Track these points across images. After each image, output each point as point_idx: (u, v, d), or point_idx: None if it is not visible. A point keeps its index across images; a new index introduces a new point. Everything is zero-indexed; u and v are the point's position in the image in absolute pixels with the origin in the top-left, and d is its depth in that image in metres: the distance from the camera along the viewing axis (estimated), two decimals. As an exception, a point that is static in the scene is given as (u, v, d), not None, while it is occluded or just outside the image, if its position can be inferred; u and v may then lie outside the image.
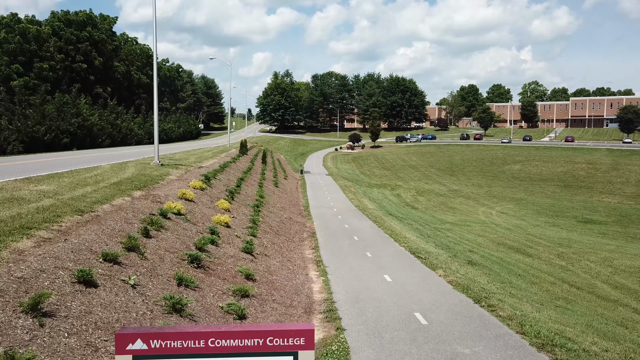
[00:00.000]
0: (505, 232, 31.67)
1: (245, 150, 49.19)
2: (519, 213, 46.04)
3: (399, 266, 14.52)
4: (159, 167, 21.66)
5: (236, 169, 32.61)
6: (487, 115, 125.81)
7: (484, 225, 35.69)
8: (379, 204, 39.62)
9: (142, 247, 9.23)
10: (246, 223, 16.33)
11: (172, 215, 12.61)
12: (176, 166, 23.39)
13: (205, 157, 34.19)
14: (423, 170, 76.95)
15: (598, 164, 74.09)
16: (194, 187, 17.38)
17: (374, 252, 16.75)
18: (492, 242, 25.73)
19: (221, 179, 23.70)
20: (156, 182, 16.97)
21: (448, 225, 33.32)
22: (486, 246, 23.80)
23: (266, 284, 10.64)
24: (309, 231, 21.00)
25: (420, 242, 19.91)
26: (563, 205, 51.27)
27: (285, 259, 14.11)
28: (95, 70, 68.05)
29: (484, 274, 15.13)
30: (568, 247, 26.86)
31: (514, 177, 70.06)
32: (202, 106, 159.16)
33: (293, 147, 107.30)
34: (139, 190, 14.45)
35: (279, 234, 17.53)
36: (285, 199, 31.41)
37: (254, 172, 37.12)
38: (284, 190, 36.28)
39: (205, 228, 12.93)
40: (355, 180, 61.35)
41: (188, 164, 26.45)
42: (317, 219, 25.15)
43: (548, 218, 43.78)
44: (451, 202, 51.08)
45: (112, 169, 19.14)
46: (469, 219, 40.04)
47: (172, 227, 11.57)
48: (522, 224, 39.01)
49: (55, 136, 37.37)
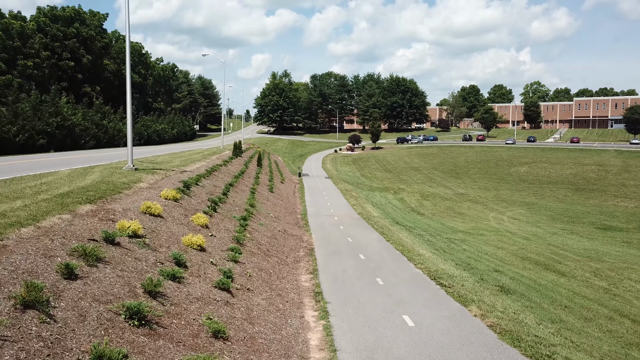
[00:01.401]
0: (525, 243, 28.60)
1: (239, 152, 46.09)
2: (532, 219, 43.00)
3: (420, 300, 11.43)
4: (131, 172, 18.55)
5: (226, 172, 29.51)
6: (489, 116, 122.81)
7: (498, 234, 32.61)
8: (382, 210, 36.57)
9: (53, 300, 6.15)
10: (228, 242, 13.22)
11: (124, 240, 9.51)
12: (153, 171, 20.27)
13: (193, 159, 31.08)
14: (426, 172, 73.92)
15: (608, 166, 71.14)
16: (166, 198, 14.27)
17: (385, 277, 13.66)
18: (515, 257, 22.65)
19: (205, 185, 20.59)
20: (119, 191, 13.87)
21: (460, 234, 30.24)
22: (510, 262, 20.72)
23: (243, 342, 7.53)
24: (307, 247, 17.89)
25: (438, 261, 16.83)
26: (577, 210, 48.23)
27: (275, 292, 11.00)
28: (83, 68, 64.86)
29: (526, 307, 12.04)
30: (599, 261, 23.79)
31: (522, 179, 67.05)
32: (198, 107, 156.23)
33: (291, 149, 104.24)
34: (89, 204, 11.35)
35: (270, 255, 14.42)
36: (281, 206, 28.31)
37: (247, 176, 34.02)
38: (280, 196, 33.18)
39: (169, 256, 9.82)
40: (356, 183, 58.28)
41: (169, 167, 23.33)
42: (316, 231, 22.07)
43: (564, 224, 40.74)
44: (458, 206, 48.03)
45: (69, 176, 16.02)
46: (480, 226, 36.98)
47: (117, 259, 8.46)
48: (539, 232, 35.95)
49: (29, 137, 34.20)
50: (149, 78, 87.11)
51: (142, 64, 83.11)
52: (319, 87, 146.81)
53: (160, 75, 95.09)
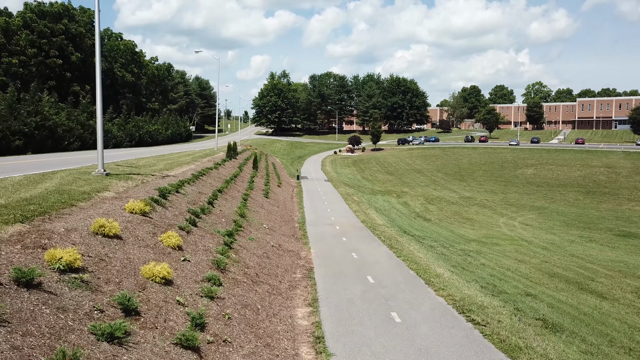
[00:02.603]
0: (545, 254, 25.95)
1: (234, 154, 43.45)
2: (544, 225, 40.37)
3: (453, 349, 8.78)
4: (99, 179, 15.88)
5: (217, 177, 26.86)
6: (492, 116, 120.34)
7: (514, 243, 29.99)
8: (387, 217, 33.93)
9: None
10: (205, 269, 10.55)
11: (52, 278, 6.85)
12: (128, 176, 17.60)
13: (181, 162, 28.41)
14: (429, 174, 71.32)
15: (617, 168, 68.65)
16: (132, 211, 11.61)
17: (402, 310, 11.01)
18: (541, 273, 20.00)
19: (188, 192, 17.93)
20: (73, 203, 11.22)
21: (474, 244, 27.60)
22: (539, 281, 18.08)
23: None
24: (305, 266, 15.23)
25: (460, 283, 14.20)
26: (591, 214, 45.62)
27: (262, 341, 8.32)
28: (72, 66, 62.11)
29: (584, 353, 9.39)
30: (634, 276, 21.16)
31: (529, 182, 64.47)
32: (195, 108, 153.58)
33: (290, 150, 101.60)
34: (21, 223, 8.70)
35: (258, 281, 11.74)
36: (277, 214, 25.64)
37: (241, 180, 31.36)
38: (276, 202, 30.51)
39: (113, 299, 7.15)
40: (357, 186, 55.63)
41: (150, 172, 20.67)
42: (316, 243, 19.42)
43: (580, 231, 38.11)
44: (466, 211, 45.40)
45: (18, 183, 13.35)
46: (492, 233, 34.35)
47: (25, 314, 5.79)
48: (555, 240, 33.34)
49: (3, 137, 31.48)
50: (142, 77, 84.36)
51: (135, 63, 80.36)
52: (318, 88, 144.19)
53: (155, 75, 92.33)
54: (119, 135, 53.95)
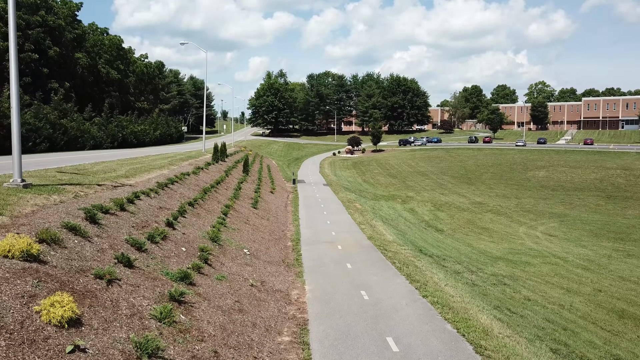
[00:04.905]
0: (591, 278, 21.46)
1: (222, 156, 38.90)
2: (570, 235, 35.91)
3: None
4: (8, 192, 11.30)
5: (194, 184, 22.29)
6: (496, 116, 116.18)
7: (547, 262, 25.48)
8: (395, 228, 29.42)
9: None
10: (114, 364, 5.96)
11: None
12: (60, 188, 13.00)
13: (152, 167, 23.81)
14: (434, 177, 66.87)
15: (635, 170, 64.34)
16: (7, 254, 7.04)
17: None
18: (604, 310, 15.49)
19: (142, 208, 13.37)
20: None
21: (502, 264, 23.09)
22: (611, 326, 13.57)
23: None
24: (296, 319, 10.68)
25: (522, 345, 9.69)
26: (618, 222, 41.16)
27: None
28: (49, 61, 57.45)
29: None
30: None
31: (542, 185, 60.07)
32: (190, 108, 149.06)
33: (287, 152, 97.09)
34: None
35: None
36: (265, 230, 21.07)
37: (225, 186, 26.80)
38: (266, 213, 25.93)
39: None
40: (358, 190, 51.10)
41: (99, 180, 16.08)
42: (312, 275, 14.88)
43: (612, 242, 33.67)
44: (479, 219, 40.93)
45: None
46: (517, 248, 29.87)
47: None
48: (590, 255, 28.88)
49: (-55, 138, 27.01)
50: (130, 75, 79.71)
51: (121, 59, 75.68)
52: (316, 87, 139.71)
53: (144, 73, 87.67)
54: (98, 135, 49.34)
